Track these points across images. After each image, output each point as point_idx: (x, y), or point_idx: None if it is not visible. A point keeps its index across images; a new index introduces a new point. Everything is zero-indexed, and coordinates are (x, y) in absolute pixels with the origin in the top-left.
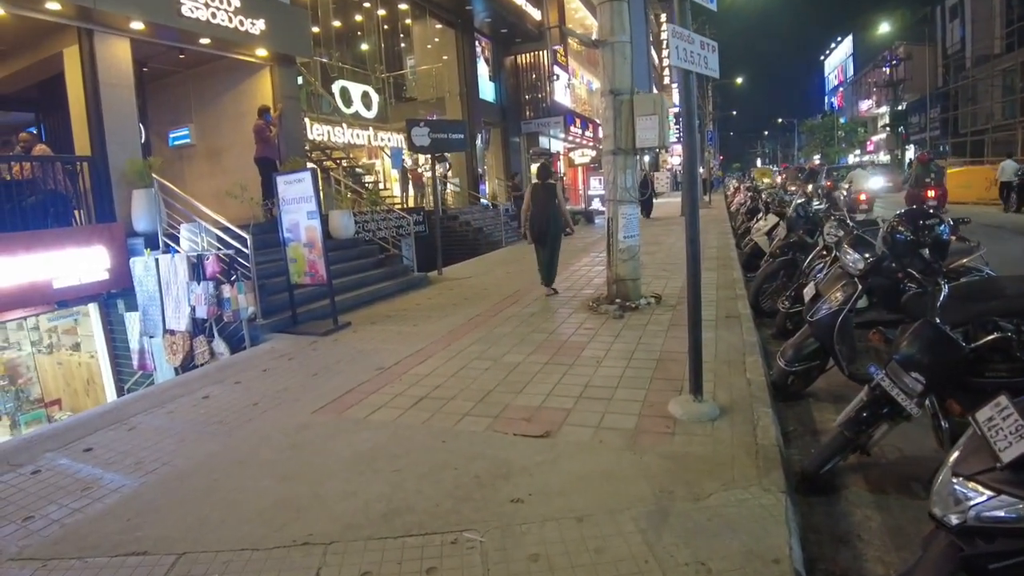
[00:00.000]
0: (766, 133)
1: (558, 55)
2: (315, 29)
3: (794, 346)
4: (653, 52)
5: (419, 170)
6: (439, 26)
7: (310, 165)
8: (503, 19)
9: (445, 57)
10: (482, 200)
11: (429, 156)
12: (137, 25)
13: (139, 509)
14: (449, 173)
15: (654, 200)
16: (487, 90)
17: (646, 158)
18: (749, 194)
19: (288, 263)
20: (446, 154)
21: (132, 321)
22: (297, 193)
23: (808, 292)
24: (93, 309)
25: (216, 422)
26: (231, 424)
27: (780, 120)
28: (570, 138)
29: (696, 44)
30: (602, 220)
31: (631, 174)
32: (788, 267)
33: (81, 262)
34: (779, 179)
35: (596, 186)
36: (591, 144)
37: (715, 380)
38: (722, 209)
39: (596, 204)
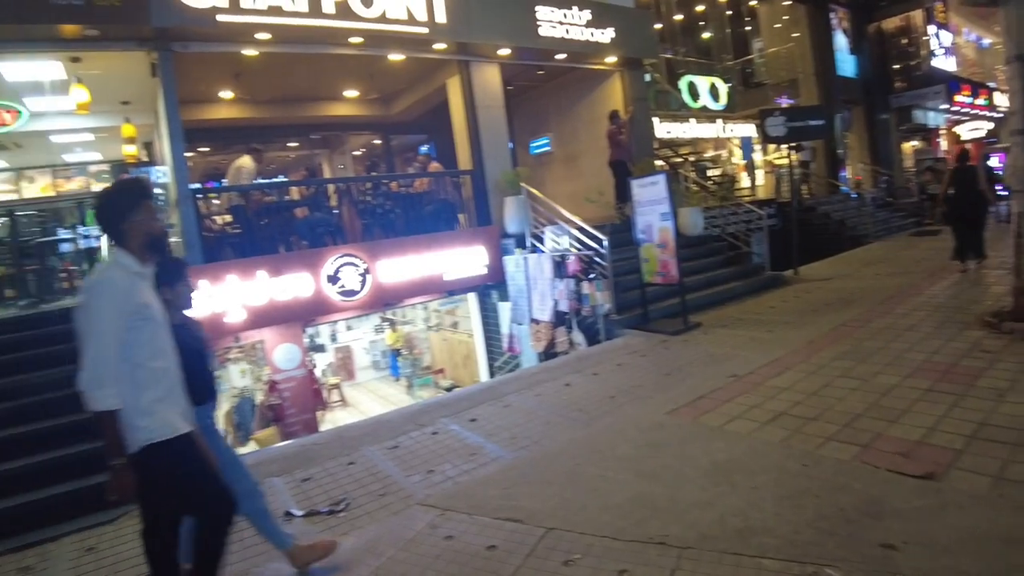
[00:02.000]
0: None
1: (935, 12)
2: (657, 25)
3: None
4: None
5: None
6: (787, 3)
7: (659, 163)
8: None
9: (796, 35)
10: (842, 188)
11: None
12: (504, 51)
13: (514, 480)
14: (812, 162)
15: None
16: (846, 65)
17: None
18: None
19: (641, 262)
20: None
21: (503, 310)
22: (651, 196)
23: None
24: (472, 298)
25: (577, 410)
26: (591, 414)
27: None
28: (954, 108)
29: None
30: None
31: None
32: None
33: (465, 259)
34: None
35: (995, 164)
36: (986, 113)
37: None
38: None
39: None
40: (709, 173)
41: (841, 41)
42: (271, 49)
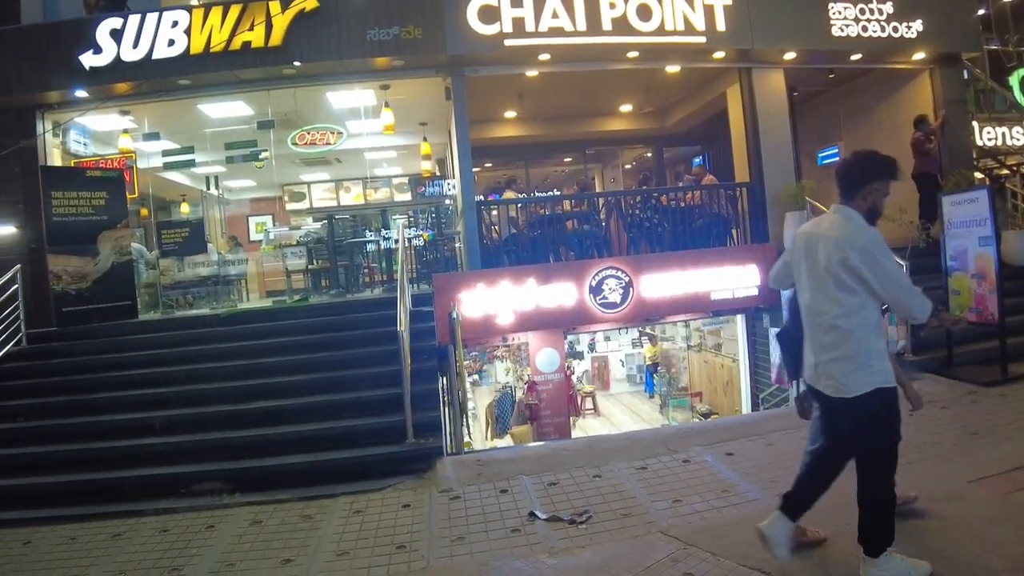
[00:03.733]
0: None
1: None
2: (980, 12)
3: None
4: None
5: None
6: None
7: (978, 176)
8: None
9: None
10: None
11: None
12: (790, 55)
13: None
14: None
15: None
16: None
17: None
18: None
19: (948, 294)
20: None
21: (775, 337)
22: (967, 215)
23: None
24: (739, 320)
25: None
26: None
27: None
28: None
29: None
30: None
31: None
32: None
33: (736, 279)
34: None
35: None
36: None
37: None
38: None
39: None
40: None
41: None
42: (551, 69)
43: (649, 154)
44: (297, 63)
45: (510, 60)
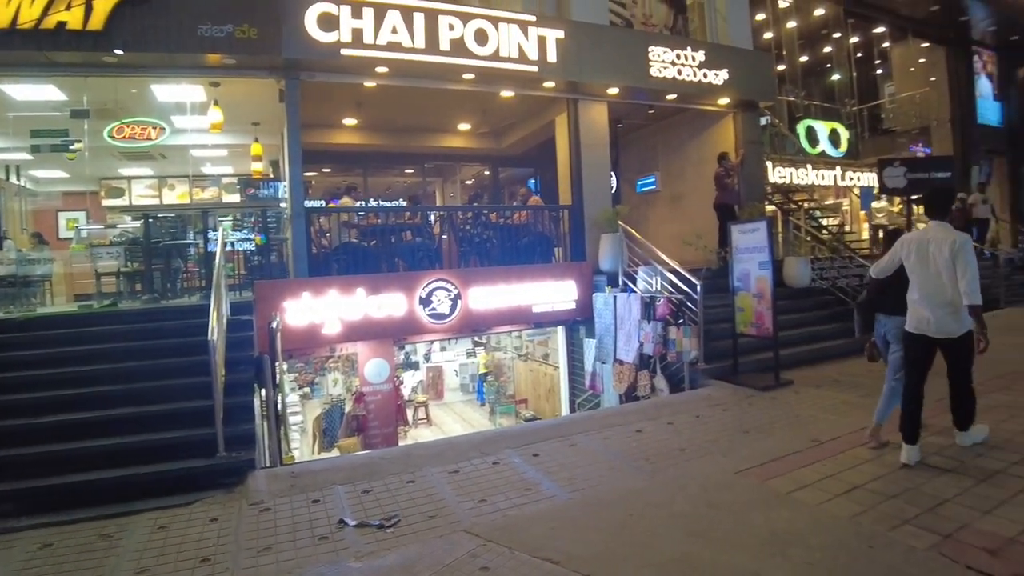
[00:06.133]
0: None
1: None
2: (780, 67)
3: None
4: None
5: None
6: (924, 45)
7: (770, 208)
8: (1014, 23)
9: (932, 79)
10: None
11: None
12: (613, 90)
13: (562, 521)
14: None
15: None
16: (989, 112)
17: None
18: None
19: (735, 311)
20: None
21: (589, 347)
22: (751, 242)
23: None
24: (560, 331)
25: (643, 459)
26: (656, 465)
27: None
28: None
29: None
30: None
31: None
32: None
33: (556, 293)
34: None
35: None
36: None
37: None
38: None
39: None
40: (826, 223)
41: (985, 86)
42: (389, 82)
43: (487, 172)
44: (119, 51)
45: (347, 69)
